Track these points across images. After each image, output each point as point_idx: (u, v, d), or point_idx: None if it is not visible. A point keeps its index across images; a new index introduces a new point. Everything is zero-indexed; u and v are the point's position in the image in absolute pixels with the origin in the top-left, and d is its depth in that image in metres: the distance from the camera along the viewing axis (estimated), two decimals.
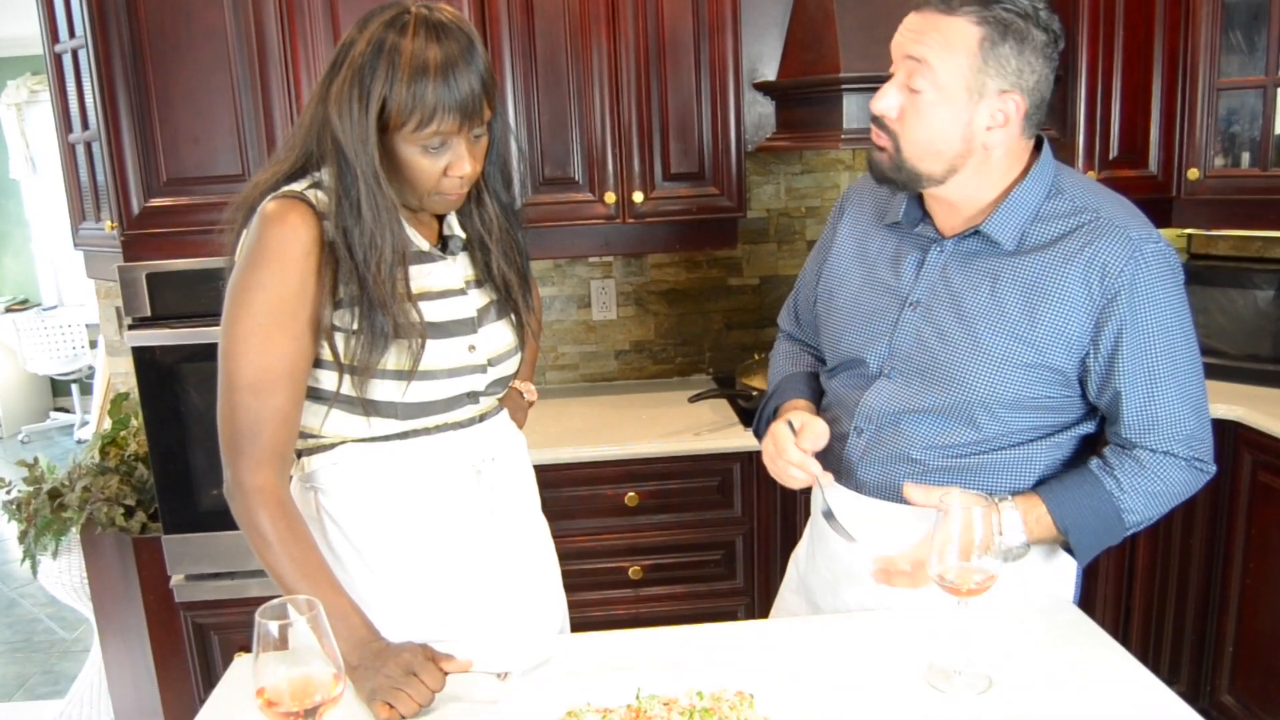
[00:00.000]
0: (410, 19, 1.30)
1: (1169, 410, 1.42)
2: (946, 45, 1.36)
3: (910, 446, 1.49)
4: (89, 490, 2.67)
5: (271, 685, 1.07)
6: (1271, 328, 2.81)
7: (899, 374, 1.50)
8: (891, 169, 1.44)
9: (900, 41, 1.42)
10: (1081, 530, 1.43)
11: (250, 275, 1.34)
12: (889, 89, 1.43)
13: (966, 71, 1.37)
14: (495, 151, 1.46)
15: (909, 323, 1.50)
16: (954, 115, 1.39)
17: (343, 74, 1.32)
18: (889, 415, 1.51)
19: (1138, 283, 1.38)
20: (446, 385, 1.44)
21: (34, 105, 7.42)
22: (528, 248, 1.58)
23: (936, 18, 1.38)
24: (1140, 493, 1.43)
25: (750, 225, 3.15)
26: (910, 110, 1.40)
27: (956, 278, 1.47)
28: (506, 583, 1.55)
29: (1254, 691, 2.65)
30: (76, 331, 7.28)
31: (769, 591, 2.69)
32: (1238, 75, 2.77)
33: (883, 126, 1.43)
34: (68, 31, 2.67)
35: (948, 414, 1.47)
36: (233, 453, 1.36)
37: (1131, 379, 1.40)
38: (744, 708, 1.23)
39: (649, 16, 2.64)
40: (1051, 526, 1.43)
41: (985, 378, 1.43)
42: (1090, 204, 1.43)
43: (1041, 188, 1.45)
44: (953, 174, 1.43)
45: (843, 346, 1.58)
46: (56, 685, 3.73)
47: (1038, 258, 1.42)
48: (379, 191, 1.32)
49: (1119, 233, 1.39)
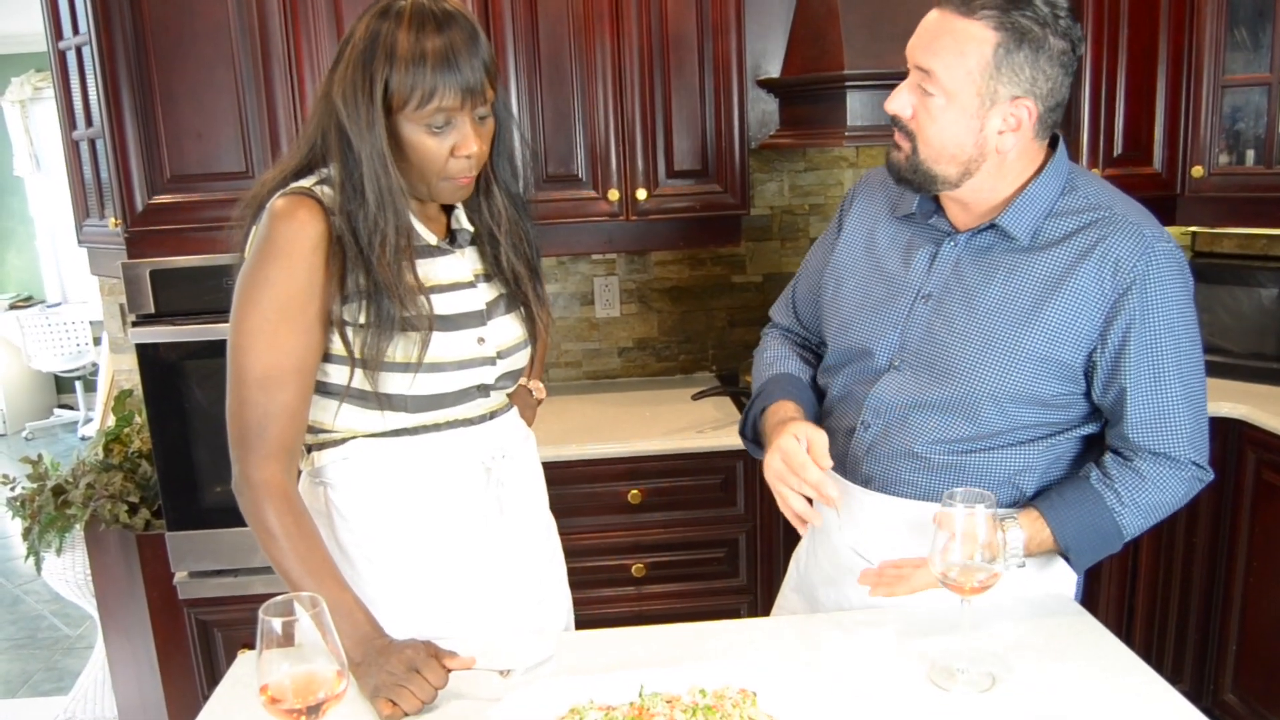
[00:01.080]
0: (405, 7, 1.32)
1: (1173, 409, 1.42)
2: (959, 51, 1.35)
3: (915, 441, 1.49)
4: (93, 487, 2.68)
5: (275, 682, 1.07)
6: (1275, 326, 2.80)
7: (908, 366, 1.50)
8: (909, 170, 1.44)
9: (914, 46, 1.41)
10: (1081, 547, 1.44)
11: (259, 271, 1.34)
12: (902, 89, 1.42)
13: (978, 79, 1.36)
14: (502, 142, 1.46)
15: (920, 315, 1.50)
16: (965, 121, 1.39)
17: (344, 64, 1.33)
18: (897, 409, 1.50)
19: (1149, 279, 1.38)
20: (456, 377, 1.44)
21: (38, 102, 7.42)
22: (537, 240, 1.58)
23: (953, 19, 1.36)
24: (1140, 507, 1.44)
25: (754, 223, 3.15)
26: (923, 112, 1.40)
27: (969, 271, 1.48)
28: (514, 580, 1.55)
29: (1257, 690, 2.65)
30: (80, 328, 7.29)
31: (772, 589, 2.69)
32: (1242, 72, 2.76)
33: (901, 127, 1.43)
34: (71, 28, 2.68)
35: (955, 408, 1.47)
36: (240, 448, 1.36)
37: (1137, 375, 1.41)
38: (747, 705, 1.23)
39: (653, 13, 2.64)
40: (1051, 541, 1.43)
41: (994, 371, 1.43)
42: (1104, 201, 1.44)
43: (1056, 184, 1.46)
44: (968, 177, 1.43)
45: (850, 337, 1.57)
46: (60, 682, 3.73)
47: (1051, 253, 1.43)
48: (383, 174, 1.33)
49: (1133, 229, 1.40)
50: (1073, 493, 1.45)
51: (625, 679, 1.28)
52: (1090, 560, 1.47)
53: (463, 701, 1.30)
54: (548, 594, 1.63)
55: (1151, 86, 2.80)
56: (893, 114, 1.43)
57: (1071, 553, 1.44)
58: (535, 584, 1.60)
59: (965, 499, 1.27)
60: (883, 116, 2.60)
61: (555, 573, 1.67)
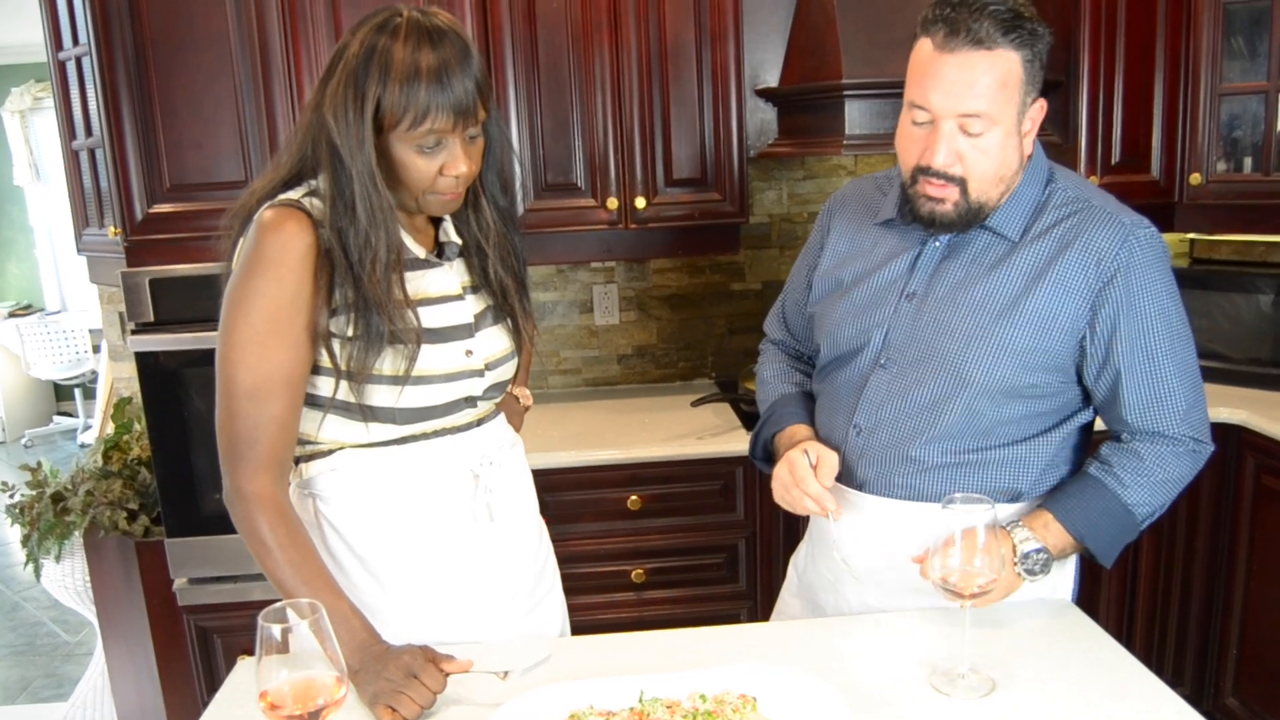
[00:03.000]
0: (402, 21, 1.31)
1: (1168, 388, 1.44)
2: (1001, 84, 1.35)
3: (909, 443, 1.50)
4: (92, 494, 2.68)
5: (274, 688, 1.07)
6: (1273, 332, 2.81)
7: (894, 364, 1.51)
8: (959, 213, 1.43)
9: (949, 98, 1.35)
10: (1097, 533, 1.45)
11: (247, 284, 1.34)
12: (941, 145, 1.38)
13: (1018, 98, 1.38)
14: (493, 156, 1.46)
15: (905, 314, 1.51)
16: (1012, 141, 1.41)
17: (337, 78, 1.32)
18: (887, 409, 1.51)
19: (1133, 266, 1.41)
20: (444, 390, 1.44)
21: (38, 112, 7.44)
22: (525, 253, 1.58)
23: (978, 56, 1.33)
24: (1143, 485, 1.45)
25: (752, 231, 3.15)
26: (972, 154, 1.39)
27: (954, 269, 1.49)
28: (506, 586, 1.55)
29: (1258, 694, 2.65)
30: (80, 336, 7.28)
31: (771, 595, 2.68)
32: (1239, 80, 2.77)
33: (946, 177, 1.40)
34: (71, 39, 2.68)
35: (946, 405, 1.47)
36: (231, 460, 1.37)
37: (1130, 360, 1.43)
38: (747, 711, 1.23)
39: (651, 23, 2.65)
40: (1064, 534, 1.43)
41: (983, 364, 1.44)
42: (1082, 195, 1.47)
43: (1039, 181, 1.48)
44: (1008, 193, 1.45)
45: (839, 341, 1.58)
46: (59, 688, 3.73)
47: (1033, 247, 1.45)
48: (374, 192, 1.32)
49: (1111, 218, 1.43)
50: (1074, 485, 1.48)
51: (625, 684, 1.28)
52: (1112, 548, 1.47)
53: (461, 707, 1.30)
54: (541, 599, 1.63)
55: (1149, 94, 2.81)
56: (940, 169, 1.39)
57: (1088, 541, 1.44)
58: (528, 589, 1.60)
59: (965, 503, 1.28)
60: (880, 125, 2.64)
61: (548, 578, 1.67)
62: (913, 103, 1.40)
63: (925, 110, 1.38)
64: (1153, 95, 2.81)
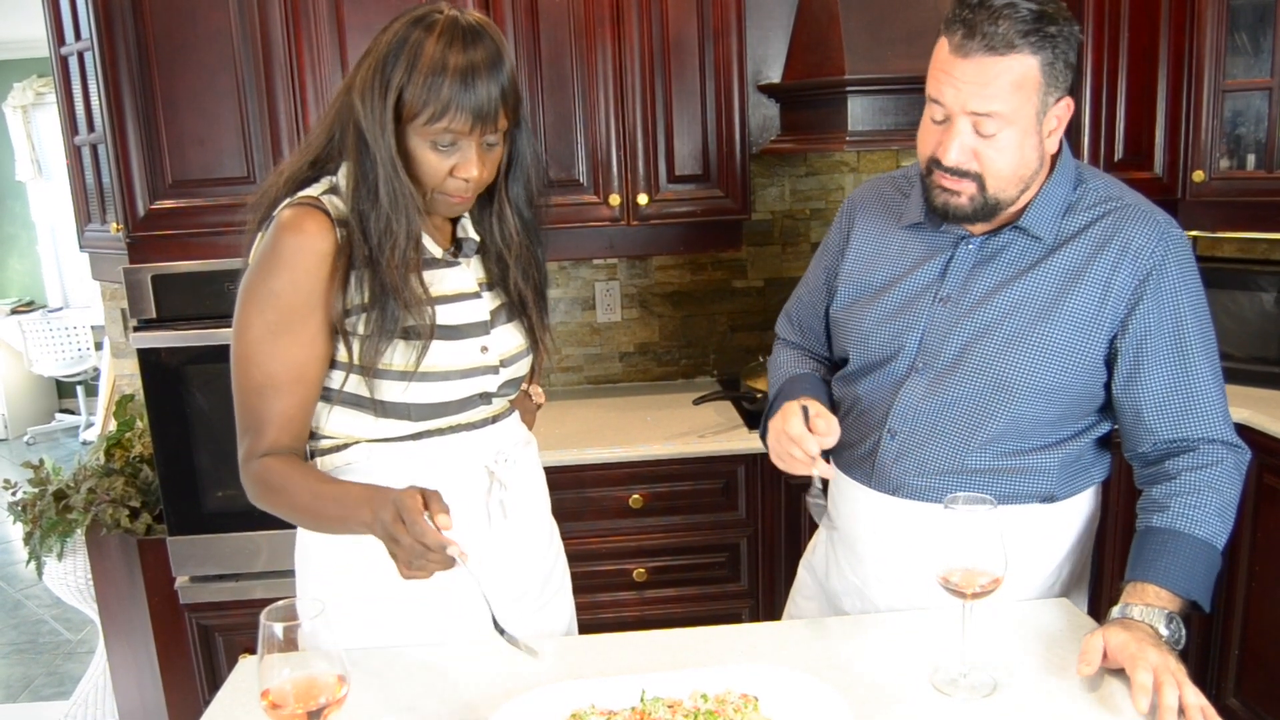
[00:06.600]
0: (441, 18, 1.32)
1: (1203, 387, 1.44)
2: (1015, 86, 1.34)
3: (945, 448, 1.49)
4: (94, 492, 2.68)
5: (276, 687, 1.07)
6: (1276, 330, 2.80)
7: (930, 369, 1.50)
8: (975, 208, 1.43)
9: (960, 96, 1.36)
10: (1202, 587, 1.41)
11: (263, 284, 1.35)
12: (954, 143, 1.38)
13: (1035, 100, 1.37)
14: (520, 169, 1.46)
15: (940, 317, 1.50)
16: (1030, 140, 1.40)
17: (367, 62, 1.34)
18: (923, 413, 1.50)
19: (1167, 264, 1.42)
20: (460, 386, 1.44)
21: (40, 108, 7.44)
22: (545, 264, 1.58)
23: (991, 61, 1.33)
24: (1212, 516, 1.41)
25: (755, 227, 3.15)
26: (987, 151, 1.39)
27: (988, 271, 1.49)
28: (517, 583, 1.55)
29: (1260, 695, 2.64)
30: (82, 333, 7.29)
31: (773, 594, 2.69)
32: (1243, 77, 2.76)
33: (960, 172, 1.40)
34: (74, 34, 2.68)
35: (985, 408, 1.47)
36: (243, 438, 1.39)
37: (1164, 358, 1.43)
38: (748, 710, 1.23)
39: (653, 19, 2.64)
40: (1174, 597, 1.39)
41: (1023, 366, 1.44)
42: (1114, 193, 1.48)
43: (1068, 181, 1.48)
44: (1026, 192, 1.45)
45: (871, 347, 1.56)
46: (61, 686, 3.73)
47: (1068, 246, 1.45)
48: (396, 178, 1.33)
49: (1147, 217, 1.44)
50: (1150, 548, 1.41)
51: (627, 683, 1.28)
52: (1210, 591, 1.43)
53: (479, 686, 1.30)
54: (551, 597, 1.63)
55: (1152, 91, 2.80)
56: (953, 165, 1.39)
57: (1195, 595, 1.41)
58: (539, 587, 1.60)
59: (966, 503, 1.27)
60: (883, 121, 2.64)
61: (558, 576, 1.67)
62: (931, 98, 1.41)
63: (941, 106, 1.39)
64: (1155, 92, 2.80)
